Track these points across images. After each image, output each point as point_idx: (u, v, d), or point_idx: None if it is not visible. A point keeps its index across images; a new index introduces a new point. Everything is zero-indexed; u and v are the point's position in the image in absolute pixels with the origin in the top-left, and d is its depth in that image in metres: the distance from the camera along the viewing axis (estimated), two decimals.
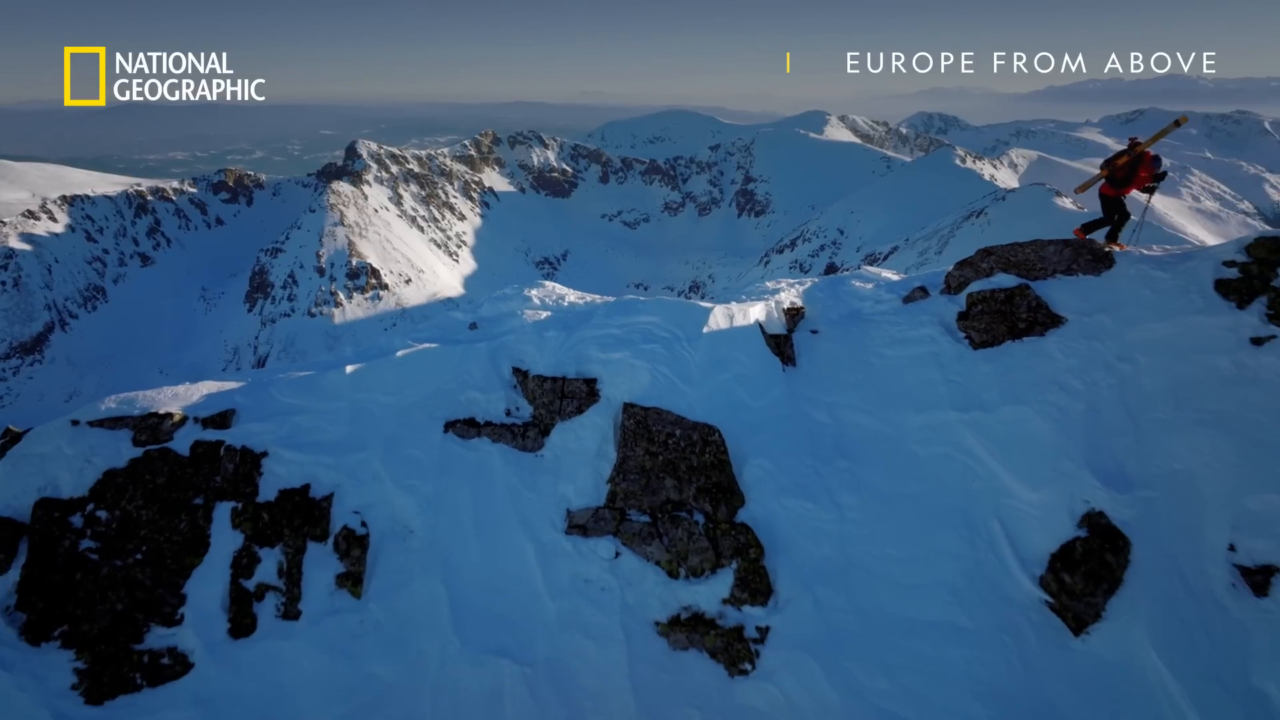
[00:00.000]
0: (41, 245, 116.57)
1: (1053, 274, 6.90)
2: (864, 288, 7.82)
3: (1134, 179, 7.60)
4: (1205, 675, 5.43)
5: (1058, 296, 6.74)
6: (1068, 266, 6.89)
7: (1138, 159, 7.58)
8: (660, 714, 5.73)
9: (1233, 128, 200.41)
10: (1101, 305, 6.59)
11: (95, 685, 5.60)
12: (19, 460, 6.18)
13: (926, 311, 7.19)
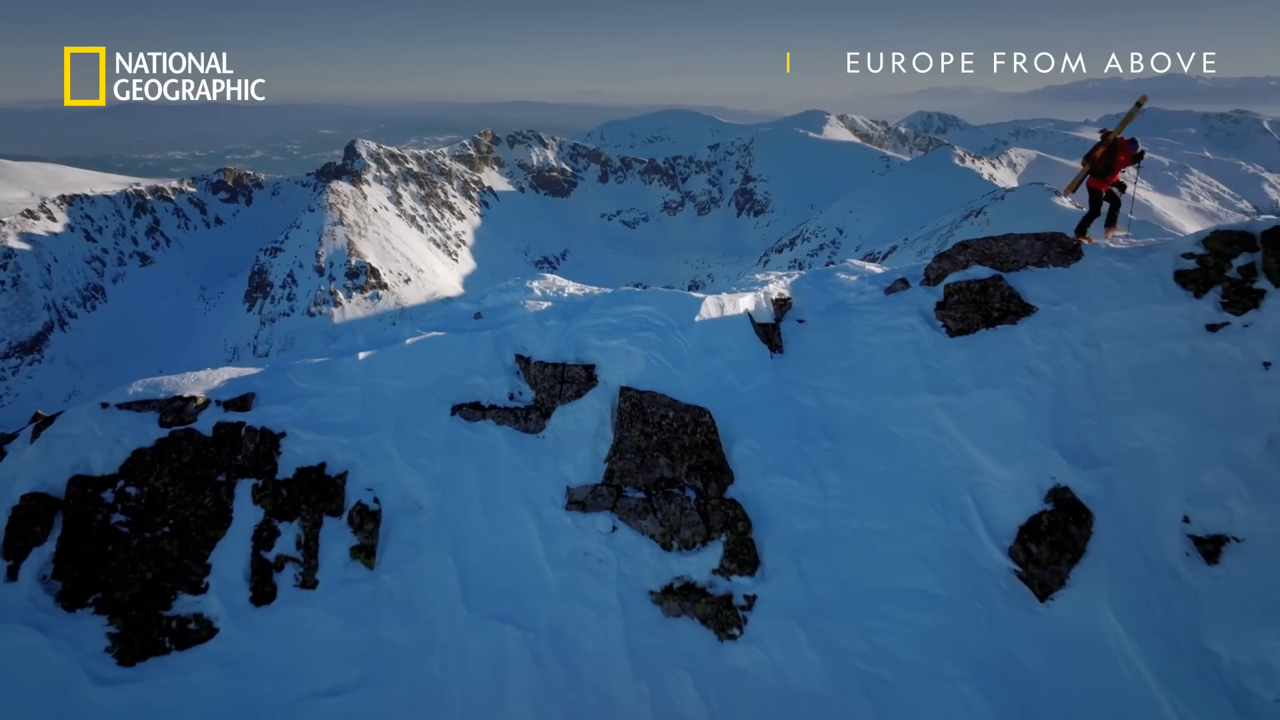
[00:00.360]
0: (41, 245, 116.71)
1: (1025, 266, 7.34)
2: (849, 279, 8.26)
3: (1114, 166, 8.05)
4: (1160, 637, 5.86)
5: (1029, 287, 7.17)
6: (1039, 259, 7.33)
7: (1113, 146, 8.04)
8: (654, 676, 6.16)
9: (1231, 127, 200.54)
10: (1070, 295, 7.03)
11: (127, 648, 6.02)
12: (53, 440, 6.60)
13: (907, 302, 7.62)
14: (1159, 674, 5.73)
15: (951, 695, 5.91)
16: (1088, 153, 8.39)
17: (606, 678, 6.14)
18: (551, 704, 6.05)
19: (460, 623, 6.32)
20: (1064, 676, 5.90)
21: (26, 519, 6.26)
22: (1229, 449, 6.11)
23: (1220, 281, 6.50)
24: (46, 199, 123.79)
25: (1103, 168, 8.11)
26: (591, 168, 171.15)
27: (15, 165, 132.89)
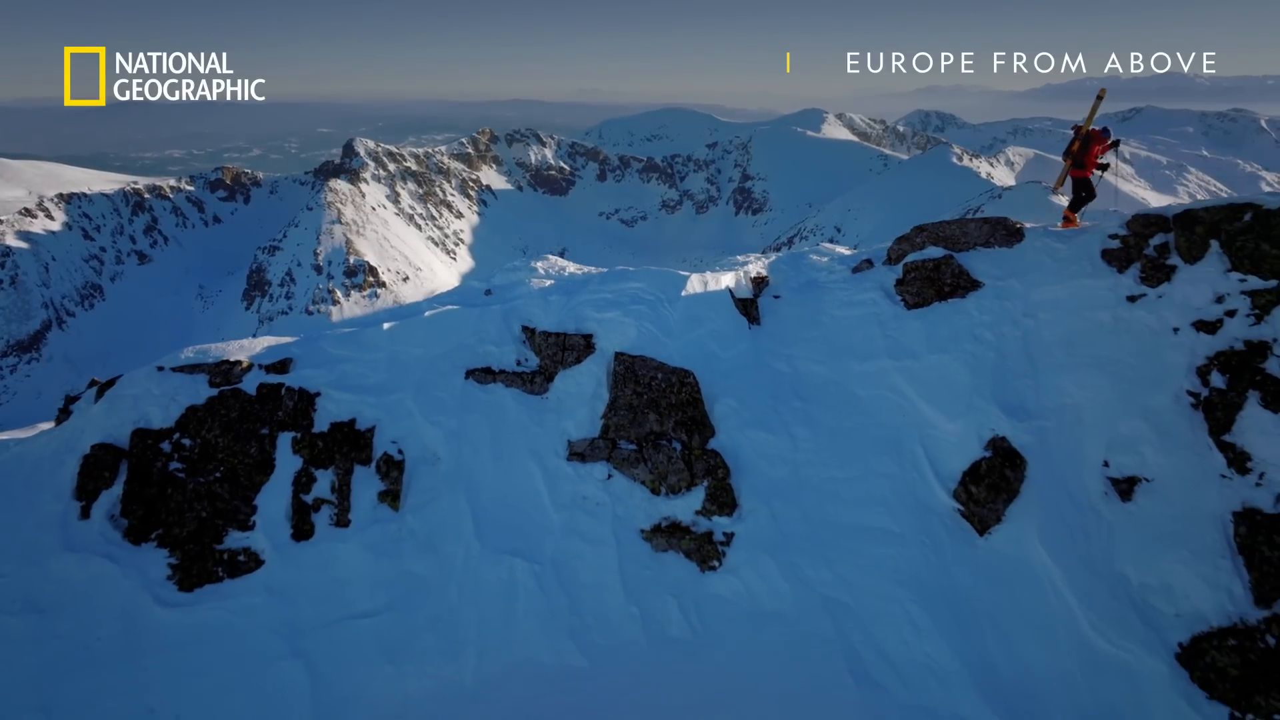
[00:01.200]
0: (39, 243, 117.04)
1: (973, 247, 8.29)
2: (820, 261, 9.21)
3: (1090, 155, 9.08)
4: (1080, 564, 6.82)
5: (977, 265, 8.13)
6: (986, 240, 8.29)
7: (1086, 138, 9.09)
8: (644, 601, 7.11)
9: (1229, 126, 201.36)
10: (1011, 272, 7.99)
11: (185, 576, 6.97)
12: (115, 400, 7.54)
13: (870, 279, 8.58)
14: (1078, 595, 6.70)
15: (901, 615, 6.86)
16: (1066, 148, 9.45)
17: (603, 603, 7.09)
18: (555, 625, 7.00)
19: (474, 556, 7.27)
20: (998, 598, 6.86)
21: (96, 466, 7.20)
22: (1143, 403, 7.08)
23: (1139, 259, 7.47)
24: (44, 197, 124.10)
25: (1081, 159, 9.17)
26: (590, 166, 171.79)
27: (13, 164, 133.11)
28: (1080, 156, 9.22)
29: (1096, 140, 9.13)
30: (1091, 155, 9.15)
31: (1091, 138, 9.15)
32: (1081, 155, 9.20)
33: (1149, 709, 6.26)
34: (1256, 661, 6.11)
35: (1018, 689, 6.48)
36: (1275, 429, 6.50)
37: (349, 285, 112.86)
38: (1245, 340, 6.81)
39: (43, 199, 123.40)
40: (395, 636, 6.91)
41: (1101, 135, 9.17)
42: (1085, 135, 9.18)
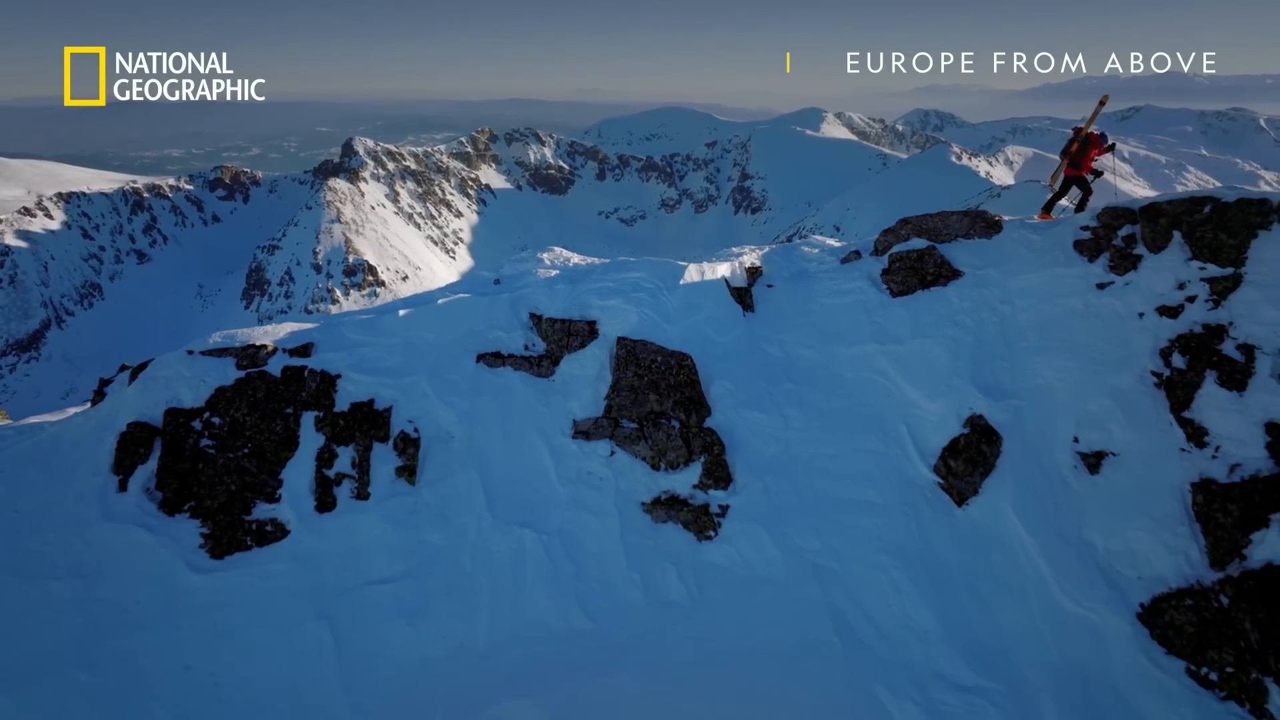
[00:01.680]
0: (38, 242, 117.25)
1: (955, 238, 8.82)
2: (811, 252, 9.73)
3: (1086, 157, 9.58)
4: (1051, 532, 7.35)
5: (958, 255, 8.66)
6: (966, 232, 8.82)
7: (1085, 140, 9.58)
8: (645, 568, 7.63)
9: (1228, 125, 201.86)
10: (990, 261, 8.52)
11: (216, 545, 7.49)
12: (148, 381, 8.05)
13: (858, 269, 9.10)
14: (1049, 560, 7.23)
15: (884, 580, 7.39)
16: (1064, 147, 9.95)
17: (606, 570, 7.61)
18: (561, 590, 7.53)
19: (486, 527, 7.79)
20: (974, 564, 7.39)
21: (132, 442, 7.71)
22: (1110, 383, 7.61)
23: (1108, 248, 8.00)
24: (43, 196, 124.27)
25: (1078, 160, 9.66)
26: (589, 165, 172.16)
27: (11, 163, 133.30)
28: (1077, 158, 9.70)
29: (1094, 144, 9.62)
30: (1088, 157, 9.64)
31: (1090, 140, 9.63)
32: (1079, 156, 9.69)
33: (1112, 664, 6.79)
34: (1210, 619, 6.64)
35: (991, 647, 7.00)
36: (1230, 405, 7.04)
37: (348, 284, 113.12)
38: (1204, 324, 7.34)
39: (42, 198, 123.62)
40: (413, 601, 7.43)
41: (1100, 139, 9.65)
42: (1084, 138, 9.65)
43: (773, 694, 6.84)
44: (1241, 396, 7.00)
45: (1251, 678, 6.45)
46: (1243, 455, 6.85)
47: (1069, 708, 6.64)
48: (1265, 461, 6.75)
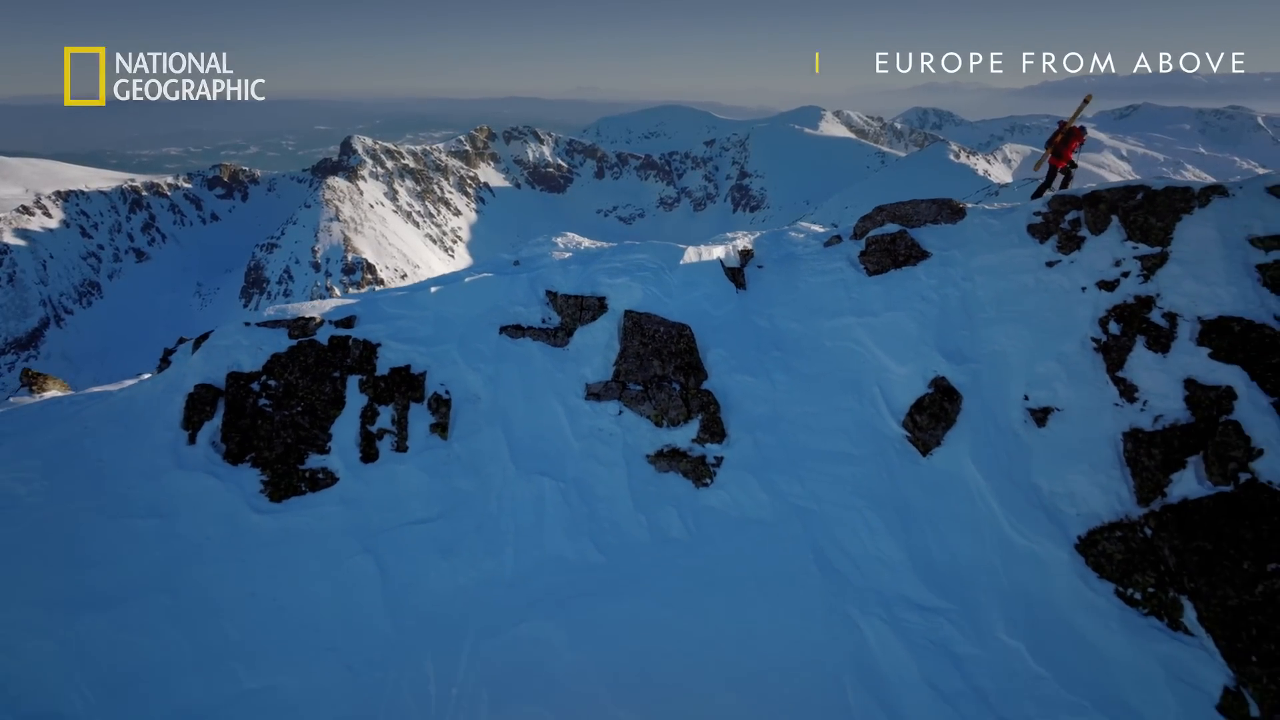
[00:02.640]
0: (36, 241, 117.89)
1: (924, 223, 9.97)
2: (798, 237, 10.88)
3: (1068, 148, 10.88)
4: (1003, 477, 8.50)
5: (926, 238, 9.81)
6: (934, 218, 9.97)
7: (1069, 133, 10.87)
8: (650, 510, 8.76)
9: (1226, 123, 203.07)
10: (955, 244, 9.67)
11: (275, 490, 8.62)
12: (211, 349, 9.19)
13: (839, 251, 10.25)
14: (1000, 501, 8.38)
15: (859, 520, 8.53)
16: (1049, 138, 11.26)
17: (615, 512, 8.75)
18: (577, 529, 8.66)
19: (510, 476, 8.92)
20: (936, 505, 8.53)
21: (199, 402, 8.85)
22: (1056, 348, 8.77)
23: (1057, 231, 9.16)
24: (42, 195, 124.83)
25: (1061, 150, 10.99)
26: (587, 164, 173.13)
27: (10, 161, 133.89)
28: (1060, 148, 11.02)
29: (1076, 137, 10.94)
30: (1070, 149, 10.95)
31: (1073, 134, 10.95)
32: (1062, 148, 11.00)
33: (1052, 587, 7.94)
34: (1136, 548, 7.80)
35: (950, 575, 8.15)
36: (1155, 365, 8.19)
37: (347, 282, 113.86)
38: (1135, 295, 8.50)
39: (40, 196, 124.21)
40: (447, 538, 8.56)
41: (1081, 133, 10.98)
42: (1068, 131, 10.96)
43: (760, 615, 7.98)
44: (1165, 358, 8.15)
45: (1169, 596, 7.61)
46: (1165, 408, 8.01)
47: (1014, 624, 7.79)
48: (1183, 412, 7.91)
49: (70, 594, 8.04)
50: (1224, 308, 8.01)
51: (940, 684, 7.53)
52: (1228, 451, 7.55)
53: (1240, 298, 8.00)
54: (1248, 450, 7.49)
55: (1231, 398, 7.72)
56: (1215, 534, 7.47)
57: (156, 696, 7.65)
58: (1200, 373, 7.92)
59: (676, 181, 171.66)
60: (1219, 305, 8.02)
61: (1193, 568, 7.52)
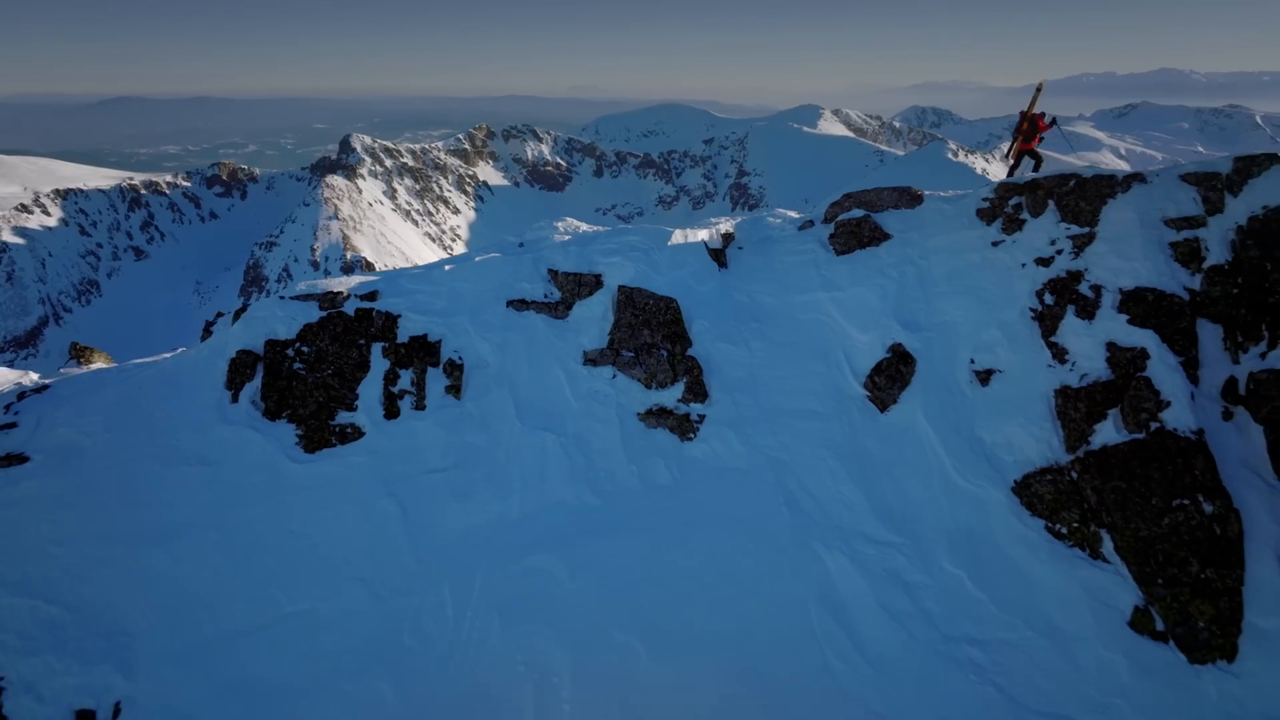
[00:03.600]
0: (35, 239, 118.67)
1: (886, 209, 11.18)
2: (775, 222, 12.10)
3: (1036, 133, 12.11)
4: (951, 430, 9.70)
5: (888, 222, 11.03)
6: (895, 204, 11.19)
7: (1032, 120, 12.10)
8: (640, 460, 9.97)
9: (1224, 122, 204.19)
10: (913, 226, 10.89)
11: (309, 443, 9.83)
12: (250, 320, 10.40)
13: (810, 234, 11.47)
14: (948, 450, 9.59)
15: (823, 468, 9.74)
16: (1015, 127, 12.51)
17: (610, 463, 9.95)
18: (575, 478, 9.87)
19: (516, 431, 10.13)
20: (891, 455, 9.74)
21: (240, 366, 10.05)
22: (999, 317, 9.98)
23: (1001, 215, 10.39)
24: (40, 193, 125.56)
25: (1029, 135, 12.23)
26: (586, 162, 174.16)
27: (8, 159, 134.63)
28: (1029, 135, 12.28)
29: (1039, 122, 12.19)
30: (1037, 132, 12.24)
31: (1036, 120, 12.20)
32: (1031, 133, 12.26)
33: (991, 524, 9.16)
34: (1063, 489, 9.01)
35: (902, 514, 9.37)
36: (1083, 331, 9.41)
37: None
38: (1067, 270, 9.72)
39: (39, 195, 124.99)
40: (461, 485, 9.77)
41: (1042, 117, 12.25)
42: (1031, 117, 12.21)
43: (737, 548, 9.20)
44: (1091, 324, 9.37)
45: (1090, 530, 8.83)
46: (1090, 367, 9.22)
47: (957, 555, 9.01)
48: (1105, 371, 9.13)
49: (131, 531, 9.26)
50: (1140, 280, 9.23)
51: (892, 607, 8.76)
52: (1141, 404, 8.76)
53: (1154, 271, 9.23)
54: (1157, 402, 8.70)
55: (1145, 358, 8.94)
56: (1129, 475, 8.68)
57: (208, 618, 8.87)
58: (1119, 336, 9.14)
59: (675, 180, 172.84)
60: (1136, 278, 9.25)
61: (1110, 505, 8.73)
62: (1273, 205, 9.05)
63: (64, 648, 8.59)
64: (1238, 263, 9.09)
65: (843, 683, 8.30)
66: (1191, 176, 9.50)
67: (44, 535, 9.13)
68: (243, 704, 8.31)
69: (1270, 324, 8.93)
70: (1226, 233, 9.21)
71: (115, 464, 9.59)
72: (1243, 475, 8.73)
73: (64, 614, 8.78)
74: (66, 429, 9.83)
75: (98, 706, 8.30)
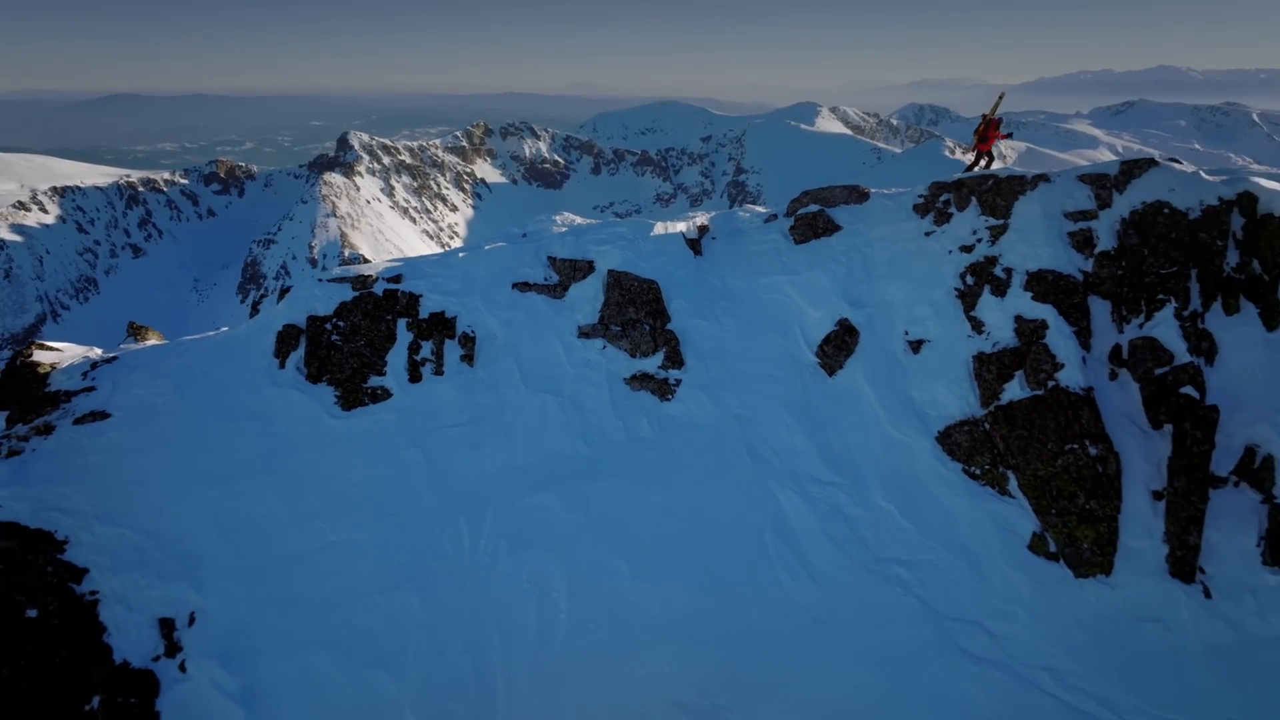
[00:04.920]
0: (33, 236, 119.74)
1: (838, 204, 13.13)
2: (744, 216, 14.04)
3: (989, 137, 14.09)
4: (887, 390, 11.64)
5: (839, 215, 12.98)
6: (846, 200, 13.14)
7: (988, 123, 14.07)
8: (626, 417, 11.89)
9: (1221, 119, 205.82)
10: (860, 219, 12.84)
11: (345, 402, 11.74)
12: (293, 299, 12.32)
13: (774, 226, 13.42)
14: (884, 407, 11.52)
15: (779, 422, 11.67)
16: (975, 129, 14.53)
17: (601, 418, 11.88)
18: (571, 431, 11.78)
19: (521, 393, 12.05)
20: (837, 411, 11.67)
21: (286, 337, 11.97)
22: (929, 296, 11.93)
23: (933, 209, 12.34)
24: (37, 191, 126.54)
25: (984, 136, 14.26)
26: (584, 160, 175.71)
27: (5, 157, 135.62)
28: (985, 136, 14.30)
29: (993, 128, 14.18)
30: (990, 136, 14.24)
31: (990, 124, 14.19)
32: (984, 134, 14.28)
33: (918, 467, 11.09)
34: (978, 438, 10.95)
35: (844, 460, 11.30)
36: (996, 307, 11.35)
37: None
38: (985, 256, 11.67)
39: (36, 192, 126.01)
40: (474, 437, 11.70)
41: (998, 125, 14.23)
42: (987, 121, 14.22)
43: (706, 488, 11.13)
44: (1002, 301, 11.32)
45: (999, 471, 10.76)
46: (1000, 337, 11.17)
47: (889, 493, 10.94)
48: (1012, 339, 11.07)
49: (198, 473, 11.18)
50: (1043, 263, 11.19)
51: (833, 534, 10.70)
52: (1040, 366, 10.71)
53: (1054, 256, 11.18)
54: (1054, 365, 10.65)
55: (1045, 328, 10.90)
56: (1030, 425, 10.63)
57: (264, 545, 10.79)
58: (1025, 310, 11.10)
59: (673, 177, 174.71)
60: (1039, 261, 11.20)
61: (1015, 450, 10.68)
62: (1150, 201, 11.00)
63: (146, 567, 10.49)
64: (1122, 249, 11.05)
65: (791, 595, 10.24)
66: (1087, 177, 11.46)
67: (126, 477, 11.03)
68: (295, 615, 10.22)
69: (1147, 300, 10.90)
70: (1114, 224, 11.16)
71: (183, 419, 11.50)
72: (1123, 424, 10.70)
73: (146, 540, 10.68)
74: (141, 390, 11.75)
75: (176, 615, 10.20)
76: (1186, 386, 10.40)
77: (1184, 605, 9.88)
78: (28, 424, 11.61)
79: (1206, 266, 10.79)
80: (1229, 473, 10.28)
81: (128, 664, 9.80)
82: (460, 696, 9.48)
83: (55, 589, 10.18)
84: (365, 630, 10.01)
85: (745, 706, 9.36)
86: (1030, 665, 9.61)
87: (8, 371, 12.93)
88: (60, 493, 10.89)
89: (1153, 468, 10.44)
